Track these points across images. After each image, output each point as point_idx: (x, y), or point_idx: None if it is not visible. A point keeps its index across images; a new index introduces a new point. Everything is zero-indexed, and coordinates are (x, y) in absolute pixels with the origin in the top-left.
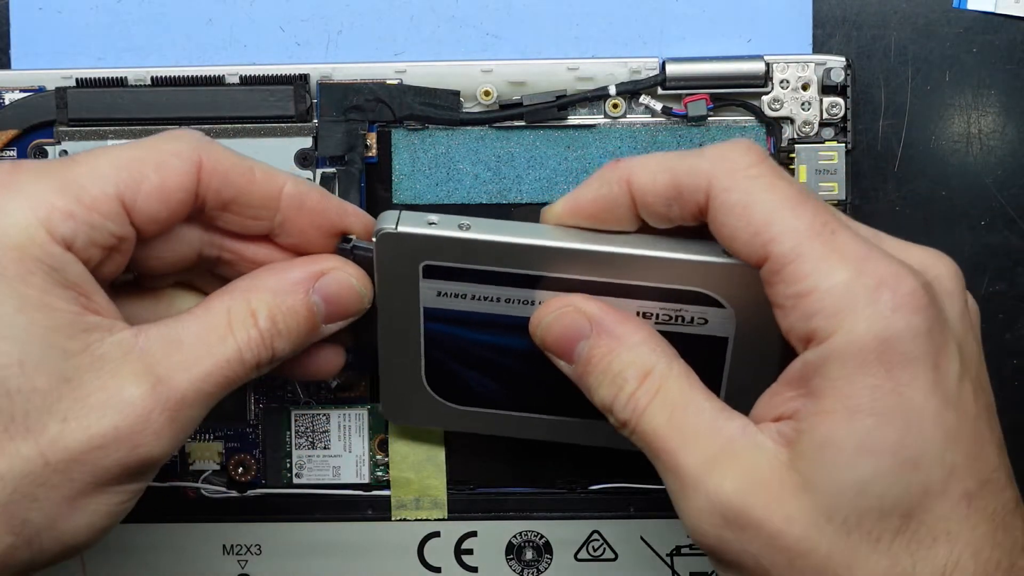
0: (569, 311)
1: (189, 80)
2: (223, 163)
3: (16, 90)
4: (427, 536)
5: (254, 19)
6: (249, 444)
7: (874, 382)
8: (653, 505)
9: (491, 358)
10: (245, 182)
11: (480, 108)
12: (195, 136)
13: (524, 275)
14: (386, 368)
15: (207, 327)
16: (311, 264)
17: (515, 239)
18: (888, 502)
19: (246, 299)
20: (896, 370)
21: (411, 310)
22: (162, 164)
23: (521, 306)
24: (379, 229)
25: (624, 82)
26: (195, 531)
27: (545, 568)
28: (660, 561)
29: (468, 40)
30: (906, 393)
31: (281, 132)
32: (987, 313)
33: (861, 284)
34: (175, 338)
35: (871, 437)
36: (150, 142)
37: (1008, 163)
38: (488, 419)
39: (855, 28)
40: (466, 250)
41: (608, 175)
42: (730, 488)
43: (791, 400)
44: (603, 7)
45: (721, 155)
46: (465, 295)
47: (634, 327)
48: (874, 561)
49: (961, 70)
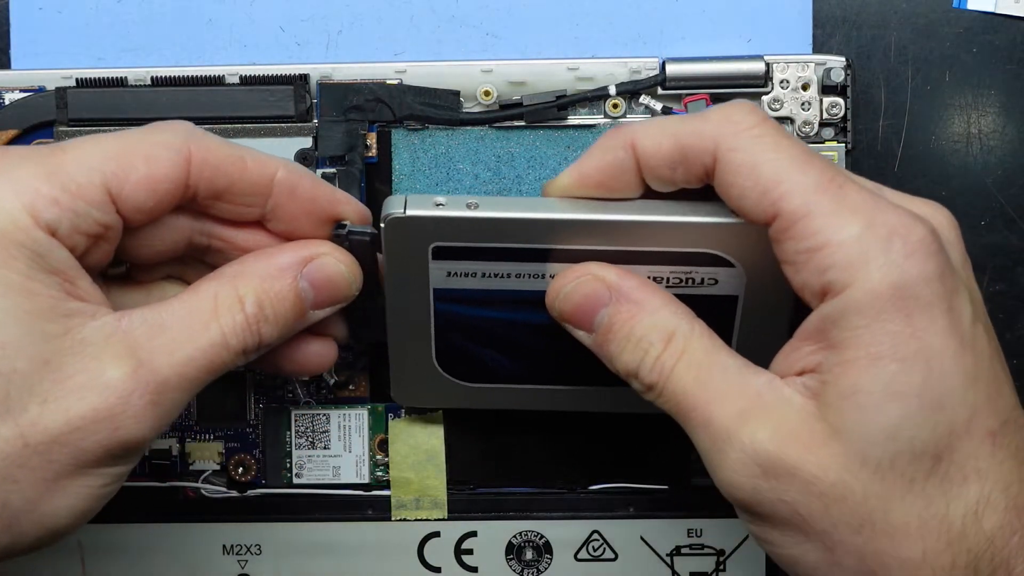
0: (588, 279)
1: (189, 80)
2: (214, 153)
3: (16, 90)
4: (427, 536)
5: (254, 19)
6: (249, 444)
7: (894, 328)
8: (653, 505)
9: (503, 334)
10: (236, 171)
11: (480, 108)
12: (185, 127)
13: (534, 249)
14: (396, 352)
15: (192, 311)
16: (300, 249)
17: (524, 214)
18: (918, 444)
19: (233, 284)
20: (914, 315)
21: (421, 293)
22: (151, 155)
23: (532, 280)
24: (387, 214)
25: (624, 82)
26: (195, 531)
27: (545, 568)
28: (660, 561)
29: (468, 40)
30: (925, 337)
31: (281, 132)
32: (987, 313)
33: (873, 235)
34: (159, 322)
35: (896, 381)
36: (140, 132)
37: (1008, 163)
38: (502, 394)
39: (855, 28)
40: (475, 229)
41: (611, 142)
42: (764, 438)
43: (812, 354)
44: (603, 7)
45: (725, 116)
46: (475, 273)
47: (653, 291)
48: (909, 502)
49: (961, 70)
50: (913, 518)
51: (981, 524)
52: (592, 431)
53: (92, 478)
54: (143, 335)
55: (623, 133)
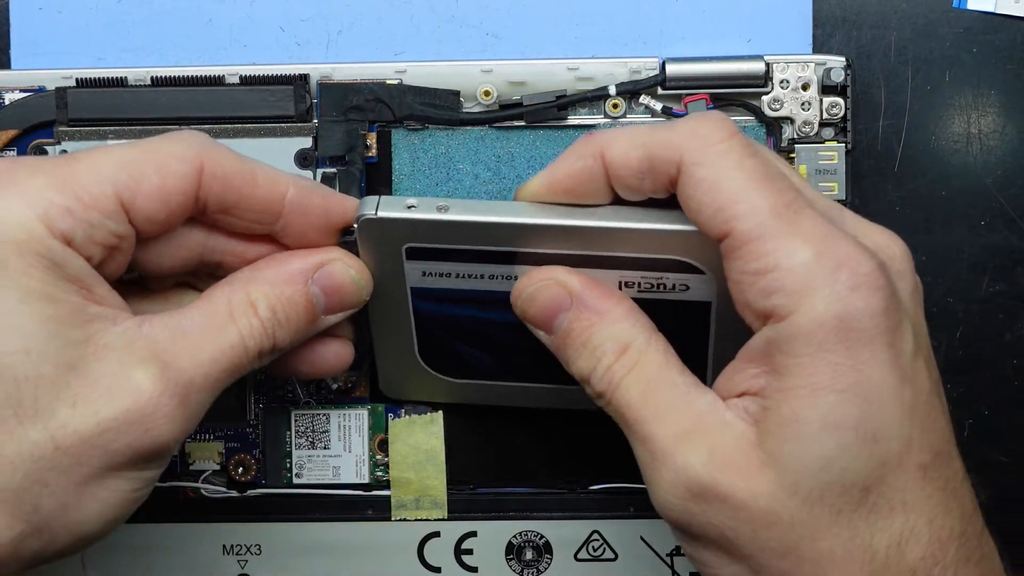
0: (550, 284)
1: (189, 80)
2: (225, 167)
3: (16, 90)
4: (427, 536)
5: (254, 19)
6: (249, 444)
7: (835, 359)
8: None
9: (480, 331)
10: (247, 187)
11: (480, 108)
12: (198, 138)
13: (504, 252)
14: (381, 347)
15: (209, 316)
16: (310, 256)
17: (493, 218)
18: (849, 476)
19: (245, 290)
20: (855, 348)
21: (399, 291)
22: (163, 166)
23: (504, 281)
24: (360, 215)
25: (624, 82)
26: (195, 531)
27: (545, 568)
28: (660, 561)
29: (468, 40)
30: (865, 370)
31: (281, 132)
32: (987, 313)
33: (821, 265)
34: (178, 326)
35: (834, 413)
36: (152, 143)
37: (1008, 163)
38: (484, 390)
39: (855, 28)
40: (446, 231)
41: (582, 150)
42: (697, 463)
43: (755, 377)
44: (603, 7)
45: (692, 130)
46: (449, 274)
47: (615, 301)
48: (835, 532)
49: (961, 70)
50: (838, 548)
51: (904, 555)
52: (592, 431)
53: (122, 481)
54: (165, 338)
55: (593, 142)
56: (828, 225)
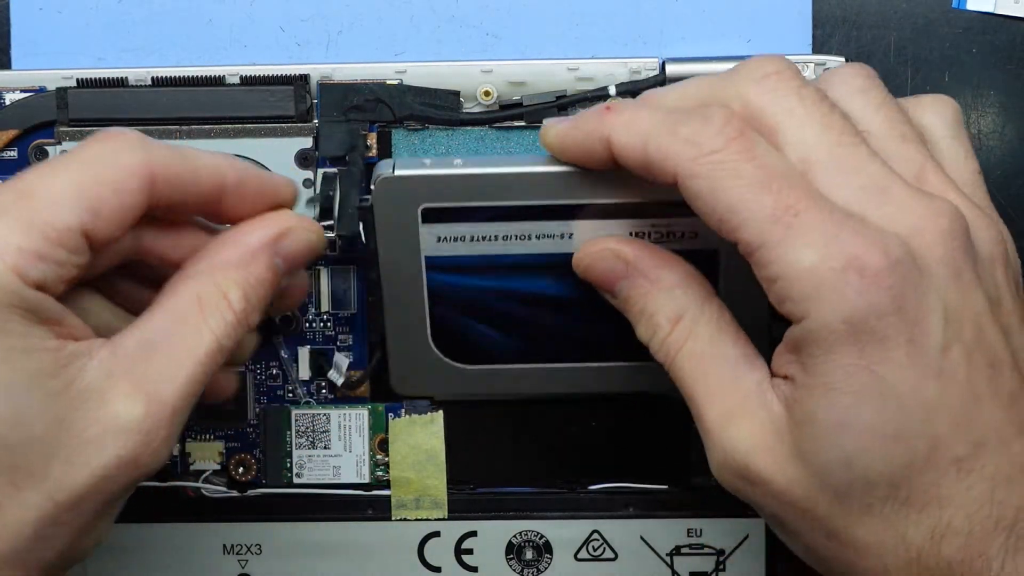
0: (605, 254)
1: (189, 80)
2: (171, 168)
3: (16, 90)
4: (427, 536)
5: (254, 19)
6: (249, 444)
7: (847, 362)
8: (653, 505)
9: (496, 306)
10: (192, 184)
11: (480, 108)
12: (139, 141)
13: (519, 207)
14: (392, 334)
15: (178, 320)
16: (268, 226)
17: (510, 168)
18: (873, 474)
19: (213, 280)
20: (867, 349)
21: (413, 264)
22: (119, 185)
23: (521, 242)
24: (377, 175)
25: (624, 82)
26: (195, 531)
27: (545, 568)
28: (660, 561)
29: (468, 40)
30: (879, 371)
31: (281, 132)
32: None
33: (826, 267)
34: (149, 342)
35: (848, 415)
36: (100, 157)
37: (1008, 163)
38: (500, 377)
39: (855, 28)
40: (462, 187)
41: (592, 129)
42: (741, 447)
43: (790, 364)
44: (603, 7)
45: (689, 139)
46: (464, 237)
47: (670, 268)
48: (868, 523)
49: (961, 70)
50: (872, 537)
51: (940, 549)
52: (592, 430)
53: (115, 509)
54: (141, 364)
55: (604, 125)
56: (834, 220)
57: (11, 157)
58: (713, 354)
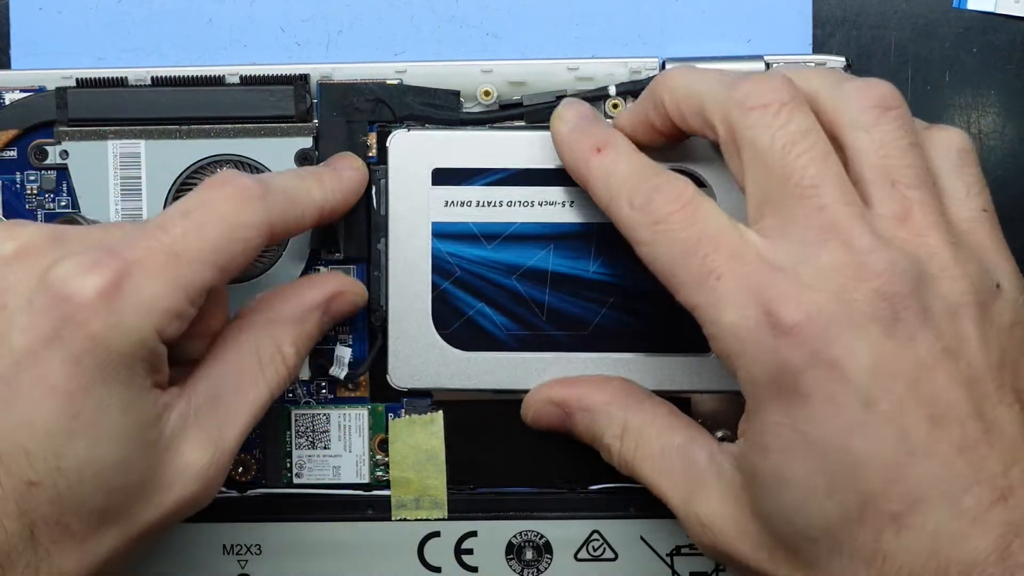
0: (544, 405)
1: (189, 80)
2: (285, 217)
3: (16, 90)
4: (427, 536)
5: (254, 19)
6: (249, 444)
7: (773, 419)
8: (653, 505)
9: (499, 281)
10: (295, 227)
11: (480, 108)
12: (262, 196)
13: (527, 170)
14: (394, 316)
15: (240, 373)
16: (324, 286)
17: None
18: (812, 530)
19: (271, 334)
20: (790, 408)
21: (420, 230)
22: (247, 243)
23: (524, 209)
24: (392, 135)
25: (624, 82)
26: (195, 531)
27: (545, 568)
28: (660, 561)
29: (468, 40)
30: (802, 428)
31: (281, 132)
32: None
33: (743, 327)
34: (216, 394)
35: (783, 472)
36: (230, 214)
37: (1008, 163)
38: (500, 366)
39: (855, 28)
40: (474, 147)
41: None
42: (706, 521)
43: (742, 423)
44: (603, 7)
45: (641, 207)
46: (471, 202)
47: (599, 390)
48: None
49: (961, 70)
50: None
51: None
52: None
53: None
54: (208, 413)
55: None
56: (757, 277)
57: (11, 157)
58: (662, 448)
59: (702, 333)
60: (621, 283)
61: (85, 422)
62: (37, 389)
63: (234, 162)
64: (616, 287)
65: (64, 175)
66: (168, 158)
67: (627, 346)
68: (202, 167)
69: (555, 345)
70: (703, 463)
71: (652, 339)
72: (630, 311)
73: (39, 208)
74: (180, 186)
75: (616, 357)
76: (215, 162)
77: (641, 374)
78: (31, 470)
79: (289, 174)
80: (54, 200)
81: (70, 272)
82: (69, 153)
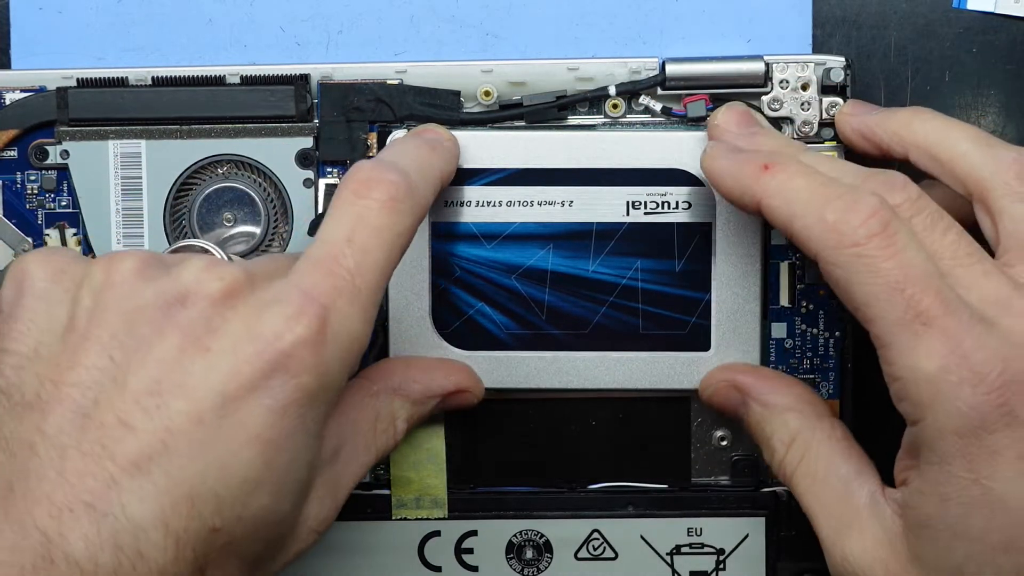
0: (723, 387)
1: (189, 80)
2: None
3: (16, 90)
4: (427, 535)
5: (254, 19)
6: None
7: (958, 472)
8: (653, 505)
9: (500, 280)
10: (429, 205)
11: (480, 108)
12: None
13: (526, 170)
14: (394, 315)
15: (358, 435)
16: (454, 377)
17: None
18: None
19: (391, 404)
20: (978, 462)
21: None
22: (404, 249)
23: (523, 209)
24: (393, 134)
25: (624, 82)
26: None
27: (545, 567)
28: (660, 561)
29: (468, 40)
30: (987, 483)
31: (282, 132)
32: None
33: (944, 379)
34: (335, 451)
35: (960, 524)
36: (392, 226)
37: None
38: (497, 365)
39: (855, 28)
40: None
41: (745, 185)
42: (855, 560)
43: (906, 469)
44: (603, 7)
45: (833, 226)
46: (470, 202)
47: (781, 393)
48: None
49: (961, 70)
50: None
51: None
52: (592, 430)
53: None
54: (328, 468)
55: (756, 184)
56: (961, 333)
57: (11, 157)
58: (826, 473)
59: (701, 333)
60: (621, 282)
61: (275, 473)
62: (238, 436)
63: (234, 162)
64: (616, 286)
65: (65, 175)
66: (169, 158)
67: (627, 345)
68: (202, 167)
69: (555, 344)
70: (863, 500)
71: (652, 339)
72: (630, 311)
73: (39, 208)
74: (180, 186)
75: (616, 356)
76: (215, 162)
77: (641, 374)
78: (218, 517)
79: (413, 151)
80: (54, 200)
81: (278, 322)
82: (70, 153)
